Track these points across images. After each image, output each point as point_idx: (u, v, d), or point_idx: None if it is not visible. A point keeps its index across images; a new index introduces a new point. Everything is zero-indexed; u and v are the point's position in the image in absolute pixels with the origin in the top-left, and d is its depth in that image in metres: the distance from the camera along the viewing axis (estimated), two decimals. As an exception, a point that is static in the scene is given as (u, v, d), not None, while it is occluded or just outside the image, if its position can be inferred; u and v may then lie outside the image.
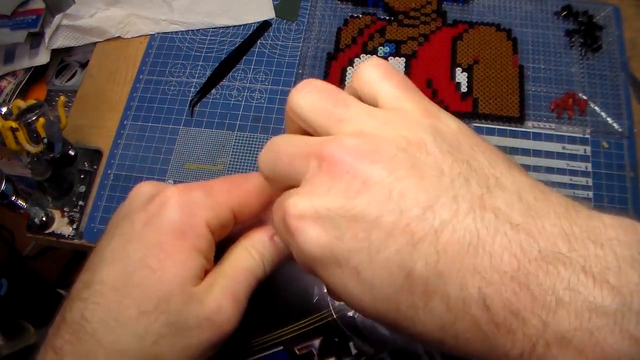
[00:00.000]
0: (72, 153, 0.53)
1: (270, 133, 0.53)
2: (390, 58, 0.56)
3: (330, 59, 0.56)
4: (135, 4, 0.61)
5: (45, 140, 0.47)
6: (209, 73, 0.57)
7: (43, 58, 0.60)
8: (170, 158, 0.53)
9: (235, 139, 0.53)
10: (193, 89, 0.56)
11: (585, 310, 0.17)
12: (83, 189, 0.52)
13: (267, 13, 0.60)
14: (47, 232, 0.51)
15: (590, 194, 0.49)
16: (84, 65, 0.61)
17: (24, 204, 0.49)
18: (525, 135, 0.52)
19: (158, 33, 0.60)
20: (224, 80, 0.57)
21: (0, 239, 0.90)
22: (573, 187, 0.49)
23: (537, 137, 0.52)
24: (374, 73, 0.24)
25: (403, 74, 0.25)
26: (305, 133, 0.25)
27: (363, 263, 0.20)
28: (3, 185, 0.46)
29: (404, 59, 0.55)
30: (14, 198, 0.48)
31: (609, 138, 0.51)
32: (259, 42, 0.58)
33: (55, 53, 0.61)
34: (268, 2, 0.60)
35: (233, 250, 0.29)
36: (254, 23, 0.60)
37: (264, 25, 0.59)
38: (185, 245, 0.26)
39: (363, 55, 0.56)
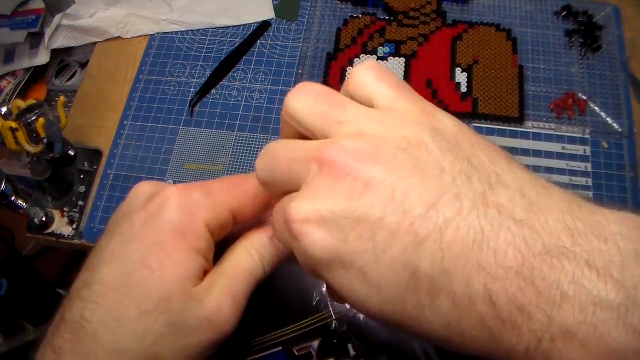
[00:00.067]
0: (72, 153, 0.53)
1: (270, 133, 0.53)
2: (390, 58, 0.56)
3: (330, 59, 0.56)
4: (135, 4, 0.61)
5: (45, 141, 0.47)
6: (209, 73, 0.57)
7: (43, 58, 0.60)
8: (170, 158, 0.53)
9: (235, 139, 0.53)
10: (193, 89, 0.56)
11: (590, 305, 0.17)
12: (83, 189, 0.52)
13: (267, 13, 0.60)
14: (47, 232, 0.51)
15: (590, 195, 0.49)
16: (84, 65, 0.61)
17: (24, 204, 0.49)
18: (525, 136, 0.52)
19: (158, 33, 0.60)
20: (224, 81, 0.57)
21: (0, 239, 0.90)
22: (573, 187, 0.49)
23: (536, 137, 0.51)
24: (369, 75, 0.24)
25: (397, 76, 0.25)
26: (302, 137, 0.25)
27: (369, 264, 0.20)
28: (3, 185, 0.46)
29: (404, 59, 0.55)
30: (14, 198, 0.48)
31: (609, 138, 0.51)
32: (259, 42, 0.58)
33: (55, 53, 0.61)
34: (268, 2, 0.60)
35: (233, 251, 0.29)
36: (254, 23, 0.60)
37: (264, 26, 0.59)
38: (185, 246, 0.26)
39: (363, 56, 0.56)
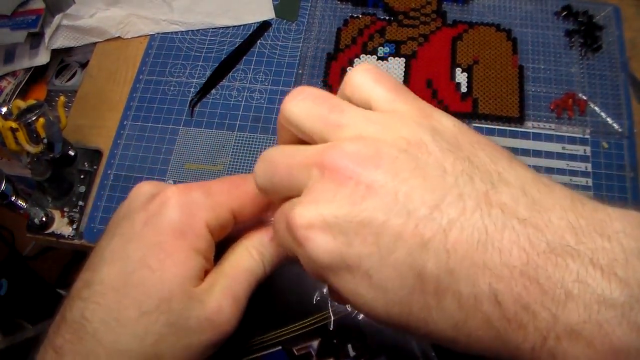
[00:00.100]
0: (72, 153, 0.53)
1: (270, 133, 0.53)
2: (390, 58, 0.56)
3: (330, 59, 0.56)
4: (135, 4, 0.61)
5: (45, 141, 0.47)
6: (209, 73, 0.57)
7: (43, 58, 0.60)
8: (170, 158, 0.53)
9: (235, 139, 0.53)
10: (193, 89, 0.56)
11: (594, 303, 0.17)
12: (83, 189, 0.52)
13: (267, 13, 0.60)
14: (47, 232, 0.51)
15: (590, 195, 0.49)
16: (84, 65, 0.61)
17: (24, 204, 0.49)
18: (525, 136, 0.52)
19: (158, 33, 0.60)
20: (224, 81, 0.57)
21: (0, 239, 0.90)
22: (573, 187, 0.49)
23: (536, 137, 0.52)
24: (365, 78, 0.24)
25: (393, 78, 0.25)
26: (299, 142, 0.24)
27: (374, 267, 0.20)
28: (3, 186, 0.46)
29: (404, 59, 0.55)
30: (14, 198, 0.48)
31: (609, 138, 0.51)
32: (259, 42, 0.58)
33: (55, 53, 0.61)
34: (268, 2, 0.60)
35: (233, 251, 0.29)
36: (254, 23, 0.60)
37: (264, 26, 0.59)
38: (185, 246, 0.26)
39: (363, 56, 0.56)
